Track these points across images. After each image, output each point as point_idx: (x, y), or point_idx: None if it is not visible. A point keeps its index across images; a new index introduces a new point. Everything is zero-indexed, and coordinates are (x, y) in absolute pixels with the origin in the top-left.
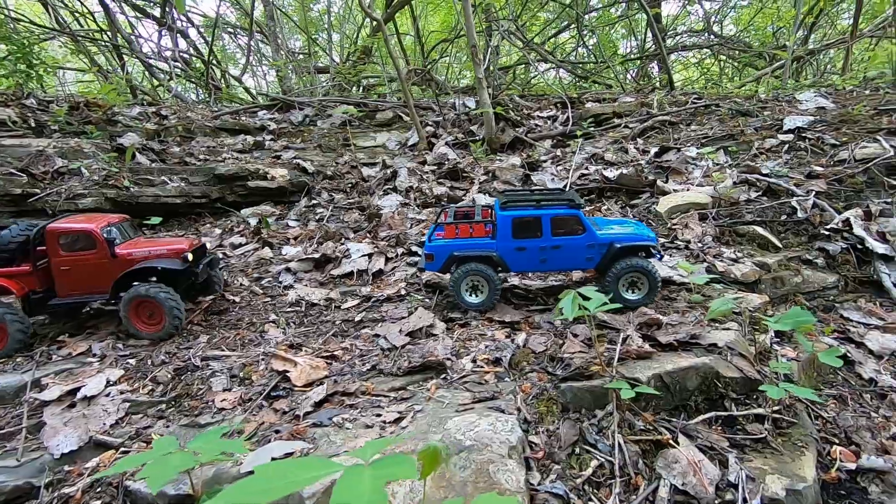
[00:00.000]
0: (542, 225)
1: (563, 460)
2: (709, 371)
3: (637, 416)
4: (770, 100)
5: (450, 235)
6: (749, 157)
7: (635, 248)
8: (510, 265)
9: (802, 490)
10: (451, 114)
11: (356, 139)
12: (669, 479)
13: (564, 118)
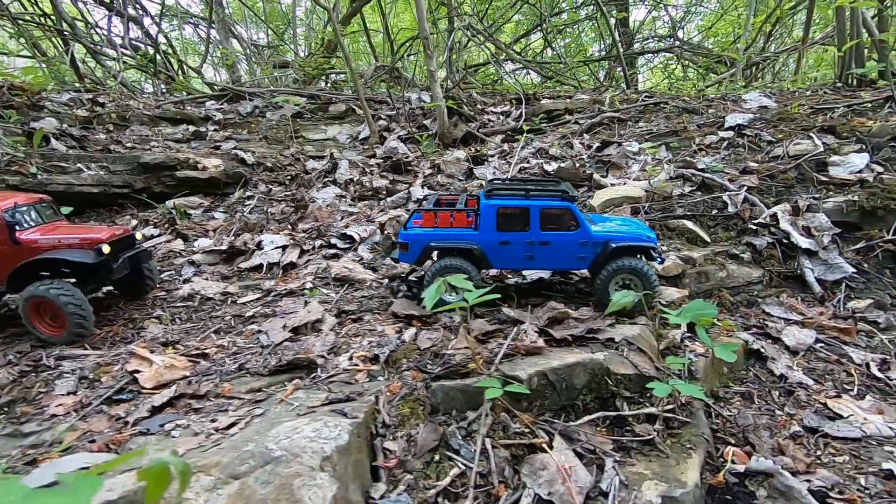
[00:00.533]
0: (530, 217)
1: (417, 469)
2: (598, 368)
3: (514, 418)
4: (717, 99)
5: (428, 224)
6: (690, 152)
7: (633, 248)
8: (493, 261)
9: (680, 497)
10: (406, 108)
11: (306, 132)
12: (534, 488)
13: (518, 114)
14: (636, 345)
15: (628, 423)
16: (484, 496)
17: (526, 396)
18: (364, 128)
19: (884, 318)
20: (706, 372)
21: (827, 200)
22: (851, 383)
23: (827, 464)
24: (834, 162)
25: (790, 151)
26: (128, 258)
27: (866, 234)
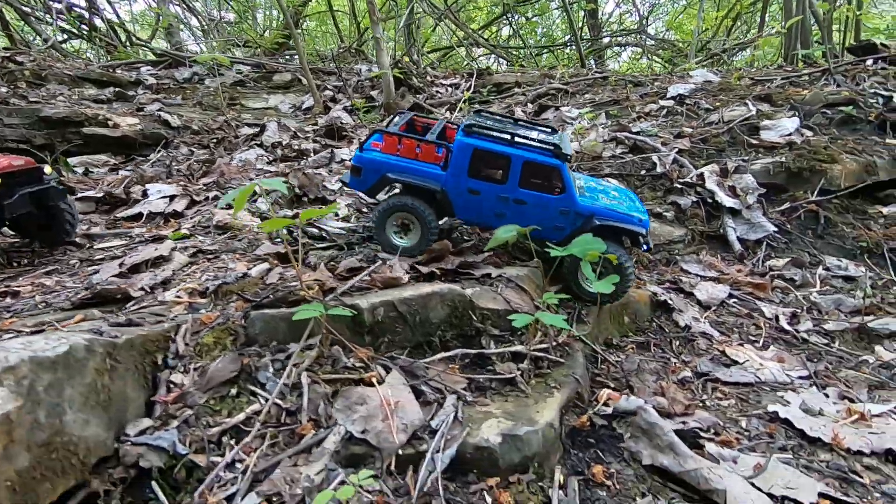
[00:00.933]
0: (510, 167)
1: (202, 404)
2: (459, 300)
3: (350, 352)
4: (665, 75)
5: (389, 150)
6: (629, 120)
7: (619, 230)
8: (457, 210)
9: (524, 435)
10: (355, 79)
11: (247, 100)
12: (346, 425)
13: (467, 86)
14: (517, 283)
15: (492, 361)
16: (286, 435)
17: (370, 330)
18: (309, 98)
19: (800, 275)
20: (601, 319)
21: (755, 162)
22: (759, 335)
23: (710, 407)
24: (766, 126)
25: (725, 117)
26: (29, 195)
27: (791, 196)
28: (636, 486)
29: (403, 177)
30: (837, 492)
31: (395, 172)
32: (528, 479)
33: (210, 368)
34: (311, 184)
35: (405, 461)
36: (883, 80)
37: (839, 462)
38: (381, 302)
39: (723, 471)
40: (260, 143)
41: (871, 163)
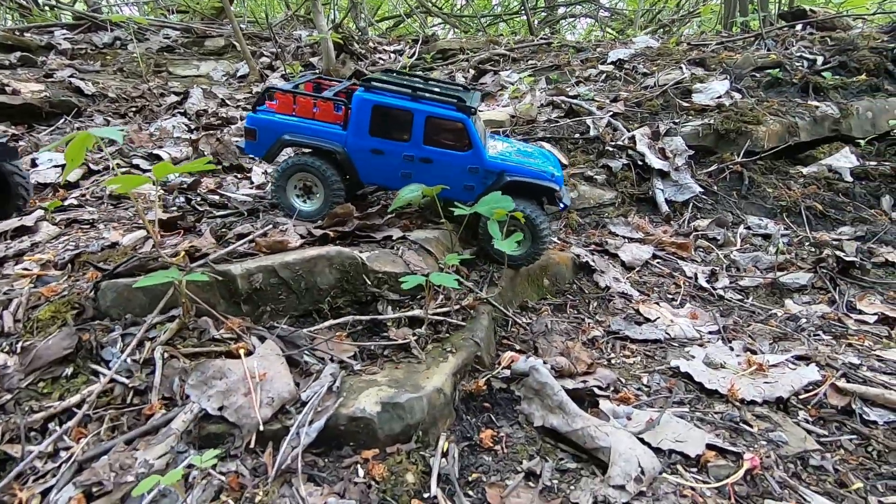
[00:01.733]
0: (412, 124)
1: (20, 388)
2: (350, 264)
3: (220, 323)
4: (607, 41)
5: (284, 110)
6: (569, 84)
7: (532, 186)
8: (361, 173)
9: (406, 402)
10: (294, 45)
11: (175, 67)
12: (201, 402)
13: (411, 52)
14: (423, 245)
15: (387, 328)
16: (132, 417)
17: (248, 299)
18: (244, 65)
19: (722, 234)
20: (517, 282)
21: (686, 125)
22: (677, 294)
23: (615, 365)
24: (697, 89)
25: (660, 81)
26: None
27: (719, 158)
28: (525, 448)
29: (300, 138)
30: (726, 442)
31: (291, 133)
32: (409, 448)
33: (38, 347)
34: (227, 151)
35: (269, 438)
36: (810, 44)
37: (732, 413)
38: (259, 267)
39: (610, 428)
40: (183, 111)
41: (794, 124)
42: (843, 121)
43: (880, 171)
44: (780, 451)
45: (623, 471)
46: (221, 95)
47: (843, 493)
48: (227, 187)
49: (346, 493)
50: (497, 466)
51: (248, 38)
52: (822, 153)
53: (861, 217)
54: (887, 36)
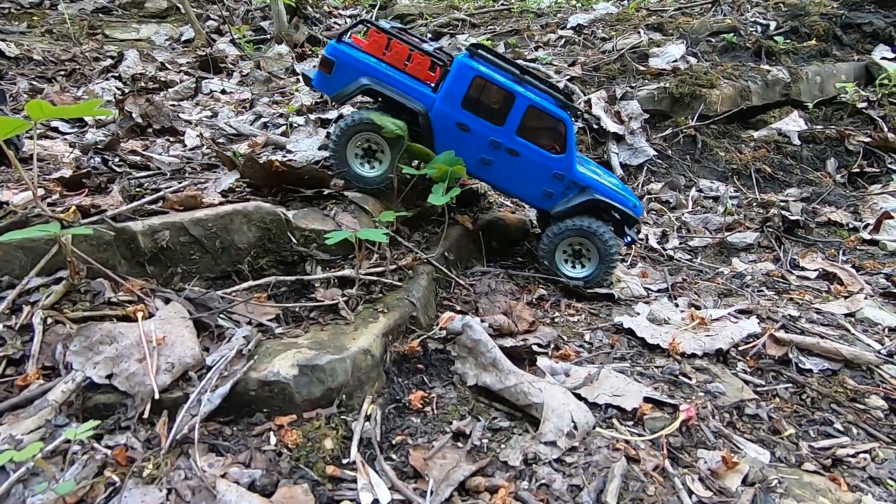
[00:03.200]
0: (511, 108)
1: None
2: (272, 220)
3: (118, 285)
4: (569, 7)
5: (373, 51)
6: (528, 49)
7: (610, 207)
8: (437, 143)
9: (325, 364)
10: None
11: (112, 30)
12: (85, 370)
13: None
14: (359, 204)
15: (315, 289)
16: (2, 389)
17: (154, 259)
18: (188, 28)
19: (674, 197)
20: (461, 244)
21: (642, 89)
22: (629, 254)
23: (559, 323)
24: (654, 53)
25: (618, 46)
26: None
27: (674, 121)
28: (457, 409)
29: (384, 88)
30: (664, 395)
31: (374, 79)
32: (329, 413)
33: None
34: (160, 113)
35: (168, 407)
36: (764, 10)
37: (673, 366)
38: (165, 224)
39: (544, 384)
40: (118, 75)
41: (746, 88)
42: (794, 85)
43: (826, 134)
44: (717, 401)
45: (555, 426)
46: (162, 59)
47: (775, 440)
48: (154, 149)
49: (251, 461)
50: (425, 428)
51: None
52: (773, 117)
53: (807, 179)
54: (837, 3)
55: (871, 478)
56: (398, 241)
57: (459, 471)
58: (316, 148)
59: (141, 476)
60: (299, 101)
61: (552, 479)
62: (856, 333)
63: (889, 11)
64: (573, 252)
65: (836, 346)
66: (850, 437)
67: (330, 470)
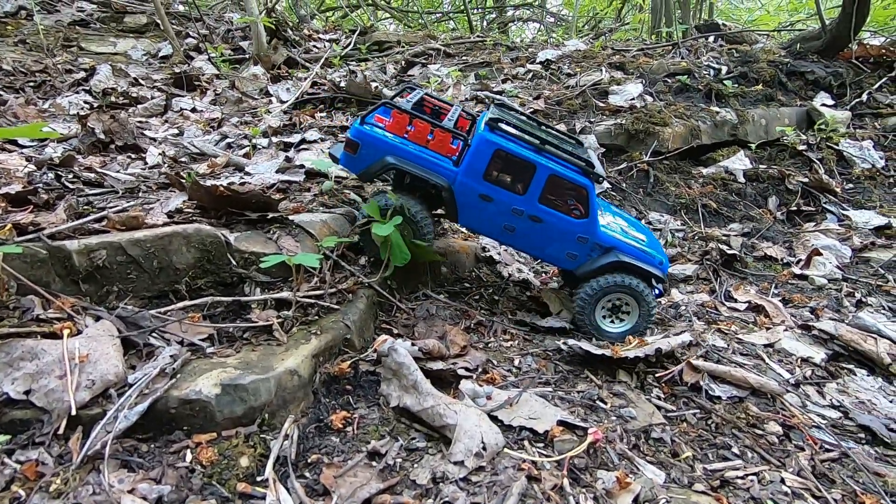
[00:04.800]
0: (532, 177)
1: None
2: (211, 243)
3: (49, 303)
4: (540, 42)
5: (396, 130)
6: (497, 81)
7: (635, 268)
8: (461, 214)
9: (249, 384)
10: (224, 28)
11: (89, 43)
12: (2, 386)
13: (348, 42)
14: (306, 228)
15: (252, 310)
16: None
17: (89, 277)
18: (166, 45)
19: None
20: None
21: (600, 124)
22: None
23: (492, 348)
24: (614, 91)
25: (581, 82)
26: None
27: (629, 156)
28: (378, 429)
29: (408, 165)
30: (578, 418)
31: (398, 157)
32: (249, 432)
33: None
34: (123, 130)
35: (85, 423)
36: (718, 55)
37: (592, 391)
38: (102, 244)
39: (461, 406)
40: (88, 88)
41: (697, 127)
42: (741, 126)
43: (769, 173)
44: (628, 425)
45: (465, 447)
46: (135, 75)
47: (673, 462)
48: (111, 167)
49: (162, 478)
50: (342, 447)
51: (174, 17)
52: (721, 156)
53: (749, 215)
54: (785, 51)
55: (753, 498)
56: (341, 265)
57: (367, 488)
58: (274, 171)
59: (48, 491)
60: (266, 124)
61: (456, 497)
62: (769, 363)
63: (830, 62)
64: (612, 307)
65: (744, 375)
66: (743, 460)
67: (241, 487)
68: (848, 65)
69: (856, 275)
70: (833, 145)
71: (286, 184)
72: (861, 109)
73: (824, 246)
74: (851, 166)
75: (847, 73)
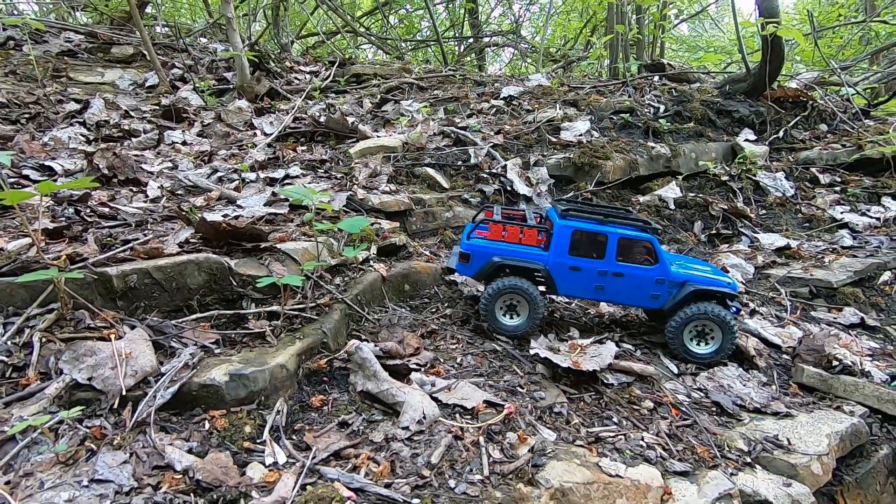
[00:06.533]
0: (606, 245)
1: None
2: (217, 267)
3: (95, 315)
4: (507, 77)
5: (494, 237)
6: (464, 116)
7: (710, 293)
8: (559, 286)
9: (250, 374)
10: (208, 59)
11: (77, 73)
12: (72, 374)
13: (327, 75)
14: (290, 255)
15: (248, 320)
16: (10, 388)
17: (123, 296)
18: (152, 75)
19: None
20: (375, 287)
21: (551, 157)
22: None
23: (441, 349)
24: (565, 127)
25: (538, 118)
26: None
27: (575, 186)
28: (347, 408)
29: (511, 260)
30: (500, 398)
31: (503, 256)
32: (250, 409)
33: None
34: (124, 165)
35: (131, 401)
36: (660, 94)
37: (515, 380)
38: (134, 269)
39: (409, 389)
40: (82, 121)
41: (634, 160)
42: (674, 159)
43: (696, 201)
44: (537, 404)
45: (410, 417)
46: (126, 107)
47: (565, 427)
48: (119, 200)
49: (190, 437)
50: (320, 420)
51: (160, 47)
52: (657, 185)
53: (676, 237)
54: (717, 91)
55: (616, 448)
56: (320, 284)
57: (337, 444)
58: (262, 203)
59: (112, 444)
60: (252, 158)
61: (401, 449)
62: (663, 359)
63: (754, 102)
64: (697, 333)
65: (630, 365)
66: (619, 426)
67: (246, 444)
68: (770, 104)
69: (756, 288)
70: (751, 176)
71: (273, 215)
72: (778, 144)
73: (732, 264)
74: (766, 194)
75: (768, 112)
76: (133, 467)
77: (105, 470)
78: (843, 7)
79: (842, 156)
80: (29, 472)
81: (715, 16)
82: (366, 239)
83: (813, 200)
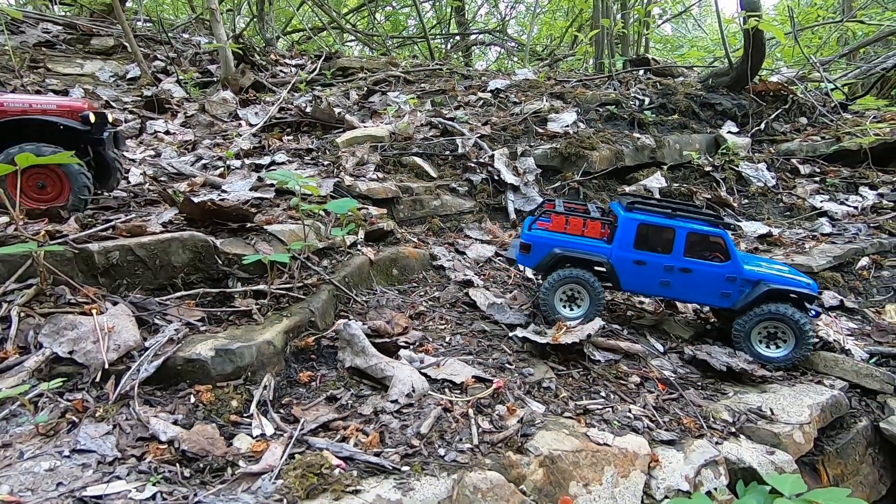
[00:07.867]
0: (674, 239)
1: None
2: (202, 246)
3: (76, 291)
4: (493, 71)
5: (556, 228)
6: (451, 108)
7: (787, 293)
8: (622, 281)
9: (236, 349)
10: (192, 51)
11: (56, 64)
12: (52, 347)
13: (313, 68)
14: (278, 237)
15: (234, 298)
16: None
17: (105, 273)
18: (134, 67)
19: None
20: (363, 270)
21: (539, 148)
22: (508, 281)
23: (430, 329)
24: (552, 119)
25: (525, 110)
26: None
27: (562, 176)
28: (335, 383)
29: (572, 252)
30: (489, 374)
31: (565, 248)
32: (237, 384)
33: None
34: None
35: (115, 375)
36: (644, 87)
37: (503, 358)
38: (116, 246)
39: (397, 364)
40: None
41: (620, 151)
42: (658, 150)
43: (681, 191)
44: (526, 379)
45: (399, 391)
46: (107, 97)
47: (553, 401)
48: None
49: (175, 410)
50: (308, 395)
51: (142, 39)
52: (642, 175)
53: None
54: (701, 84)
55: (604, 420)
56: (307, 265)
57: (325, 417)
58: (248, 188)
59: (94, 416)
60: (238, 146)
61: (390, 421)
62: (650, 339)
63: (736, 95)
64: (767, 335)
65: (617, 343)
66: (606, 400)
67: (233, 417)
68: (752, 98)
69: None
70: (734, 167)
71: (259, 200)
72: (760, 136)
73: None
74: (748, 185)
75: (750, 105)
76: (116, 438)
77: (87, 441)
78: (821, 8)
79: (821, 147)
80: (7, 443)
81: (697, 16)
82: (353, 222)
83: (794, 190)
